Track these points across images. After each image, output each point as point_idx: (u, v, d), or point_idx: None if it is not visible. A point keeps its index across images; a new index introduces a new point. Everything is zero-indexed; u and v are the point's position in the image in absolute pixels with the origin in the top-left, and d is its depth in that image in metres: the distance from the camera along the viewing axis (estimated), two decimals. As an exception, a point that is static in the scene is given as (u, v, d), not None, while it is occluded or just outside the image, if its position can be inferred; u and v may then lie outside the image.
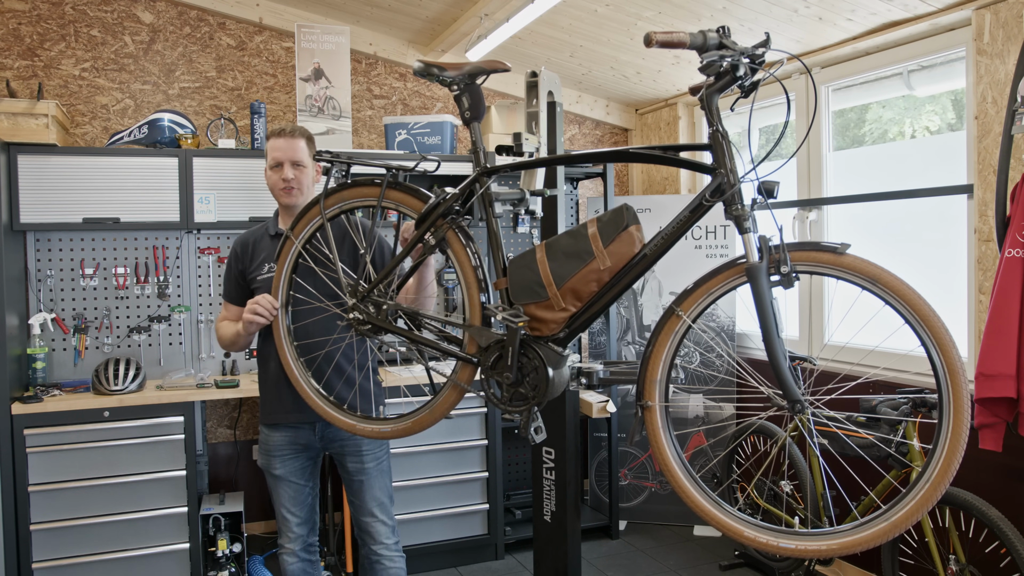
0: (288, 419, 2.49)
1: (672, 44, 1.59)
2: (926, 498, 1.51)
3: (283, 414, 2.49)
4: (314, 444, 2.54)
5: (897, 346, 2.17)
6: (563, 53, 4.13)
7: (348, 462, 2.57)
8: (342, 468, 2.59)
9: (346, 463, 2.57)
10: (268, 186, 2.52)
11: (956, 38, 3.06)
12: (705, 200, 1.69)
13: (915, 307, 1.51)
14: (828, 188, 3.72)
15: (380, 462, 2.60)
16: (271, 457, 2.52)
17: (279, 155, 2.46)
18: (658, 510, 4.37)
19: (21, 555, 3.14)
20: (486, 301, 1.99)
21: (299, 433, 2.51)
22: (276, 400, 2.50)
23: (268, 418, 2.52)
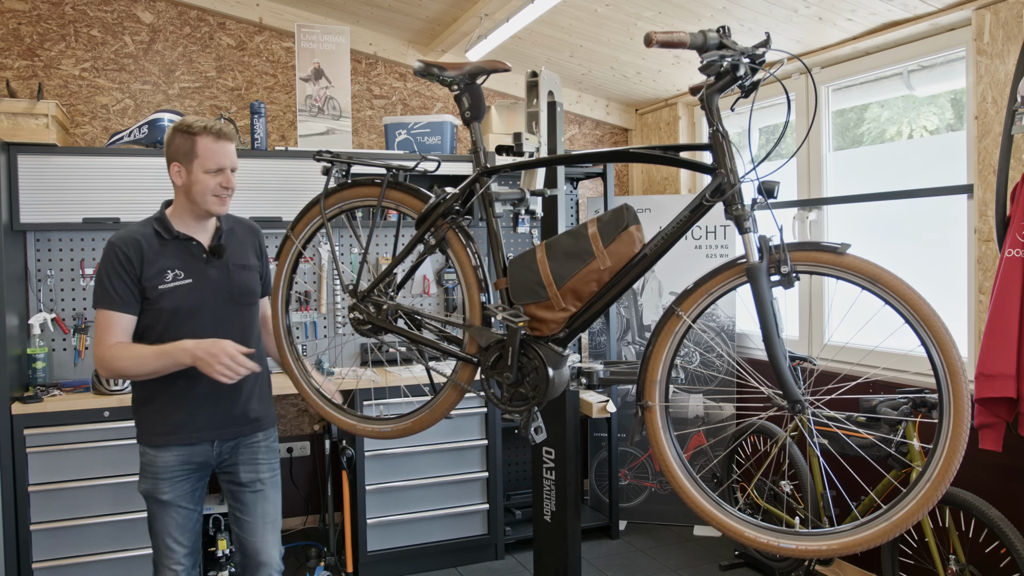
0: (196, 438, 2.29)
1: (672, 44, 1.59)
2: (926, 498, 1.51)
3: (191, 432, 2.28)
4: (210, 461, 2.34)
5: (897, 346, 2.17)
6: (563, 53, 4.13)
7: (242, 472, 2.37)
8: (232, 482, 2.38)
9: (239, 474, 2.37)
10: (195, 190, 2.23)
11: (956, 38, 3.06)
12: (705, 200, 1.69)
13: (915, 307, 1.51)
14: (828, 188, 3.72)
15: (275, 472, 2.42)
16: (159, 481, 2.26)
17: (224, 161, 2.25)
18: (658, 510, 4.37)
19: (21, 555, 3.14)
20: (486, 301, 1.99)
21: (195, 451, 2.30)
22: (186, 418, 2.28)
23: (163, 439, 2.27)
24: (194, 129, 2.21)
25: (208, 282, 2.28)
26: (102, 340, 2.18)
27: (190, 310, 2.25)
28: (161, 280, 2.21)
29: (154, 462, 2.27)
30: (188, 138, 2.21)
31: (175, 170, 2.24)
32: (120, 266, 2.19)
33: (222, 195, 2.26)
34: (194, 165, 2.22)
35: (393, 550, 3.68)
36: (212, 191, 2.24)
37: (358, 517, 3.60)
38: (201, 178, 2.23)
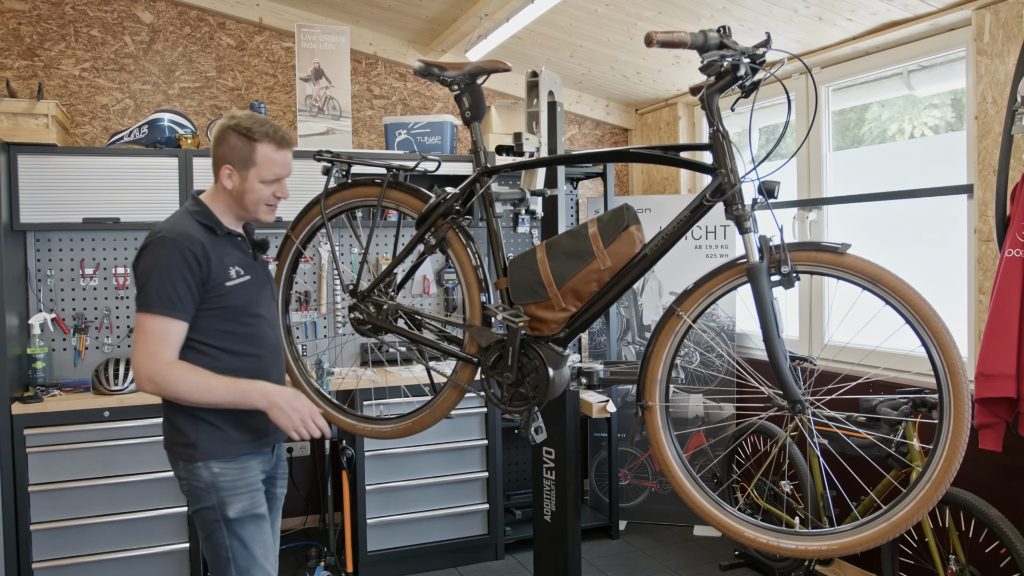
0: (270, 441, 2.12)
1: (673, 44, 1.59)
2: (926, 498, 1.51)
3: (270, 435, 2.11)
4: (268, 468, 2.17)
5: (897, 346, 2.17)
6: (563, 53, 4.13)
7: (278, 485, 2.24)
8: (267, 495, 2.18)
9: (276, 486, 2.23)
10: (247, 198, 2.03)
11: (956, 38, 3.06)
12: (706, 200, 1.69)
13: (915, 307, 1.51)
14: (828, 188, 3.72)
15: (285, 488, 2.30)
16: (254, 492, 2.04)
17: (282, 171, 2.05)
18: (658, 510, 4.37)
19: (21, 555, 3.14)
20: (486, 301, 1.99)
21: (264, 458, 2.13)
22: (254, 427, 2.06)
23: (250, 446, 2.05)
24: (255, 134, 1.98)
25: (258, 279, 2.11)
26: (156, 353, 1.89)
27: (252, 309, 2.07)
28: (227, 277, 2.00)
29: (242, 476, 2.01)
30: (247, 143, 1.98)
31: (226, 173, 2.01)
32: (187, 266, 1.91)
33: (274, 204, 2.09)
34: (250, 173, 2.00)
35: (393, 550, 3.68)
36: (266, 201, 2.05)
37: (358, 517, 3.60)
38: (256, 187, 2.02)
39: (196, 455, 1.98)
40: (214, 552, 2.00)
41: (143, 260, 1.94)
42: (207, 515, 1.99)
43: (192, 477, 1.99)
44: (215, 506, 1.98)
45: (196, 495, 1.99)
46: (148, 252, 1.94)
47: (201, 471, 1.98)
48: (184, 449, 1.99)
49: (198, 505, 2.00)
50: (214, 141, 2.03)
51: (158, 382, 1.89)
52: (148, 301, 1.90)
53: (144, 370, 1.89)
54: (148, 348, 1.89)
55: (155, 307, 1.90)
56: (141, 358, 1.90)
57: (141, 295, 1.92)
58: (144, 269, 1.93)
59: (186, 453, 1.99)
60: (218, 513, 1.98)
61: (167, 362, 1.90)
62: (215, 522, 1.98)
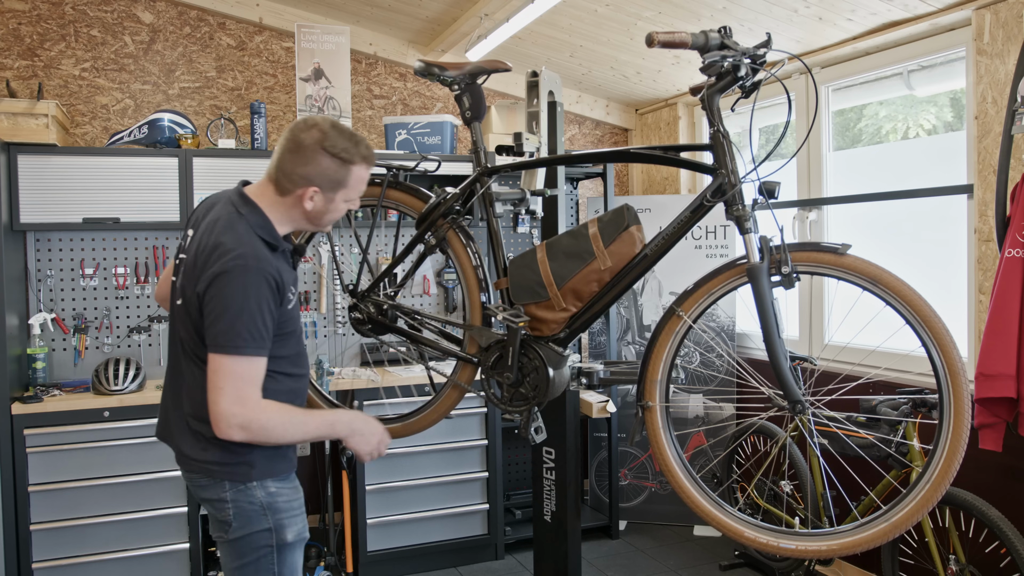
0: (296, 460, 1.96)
1: (674, 44, 1.60)
2: (926, 499, 1.51)
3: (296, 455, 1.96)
4: None
5: (898, 346, 2.17)
6: (563, 53, 4.13)
7: None
8: None
9: None
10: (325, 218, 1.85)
11: (956, 38, 3.06)
12: (706, 200, 1.69)
13: (916, 307, 1.51)
14: (828, 188, 3.72)
15: None
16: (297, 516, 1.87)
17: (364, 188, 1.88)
18: (658, 510, 4.37)
19: (21, 555, 3.14)
20: (487, 301, 1.99)
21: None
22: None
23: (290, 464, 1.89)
24: (353, 156, 1.78)
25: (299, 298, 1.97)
26: (247, 398, 1.69)
27: (299, 325, 1.93)
28: (288, 300, 1.82)
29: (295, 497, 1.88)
30: (342, 166, 1.77)
31: (309, 194, 1.77)
32: (271, 297, 1.72)
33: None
34: (338, 195, 1.81)
35: (393, 550, 3.68)
36: (338, 218, 1.88)
37: (358, 517, 3.60)
38: (340, 207, 1.84)
39: (253, 474, 1.79)
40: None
41: (226, 291, 1.68)
42: (258, 539, 1.79)
43: (243, 499, 1.79)
44: (271, 529, 1.80)
45: (247, 518, 1.79)
46: (230, 282, 1.68)
47: (256, 491, 1.79)
48: (237, 469, 1.79)
49: (249, 529, 1.79)
50: (299, 159, 1.76)
51: (253, 429, 1.69)
52: (238, 341, 1.67)
53: (236, 418, 1.68)
54: (238, 393, 1.68)
55: (247, 347, 1.69)
56: (229, 405, 1.67)
57: (227, 333, 1.67)
58: (229, 302, 1.68)
59: (240, 473, 1.79)
60: (273, 537, 1.80)
61: (259, 407, 1.71)
62: (267, 547, 1.80)
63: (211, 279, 1.70)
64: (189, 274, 1.77)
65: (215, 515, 1.83)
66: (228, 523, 1.80)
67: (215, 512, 1.83)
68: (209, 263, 1.71)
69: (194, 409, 1.79)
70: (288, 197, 1.80)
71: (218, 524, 1.83)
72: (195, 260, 1.76)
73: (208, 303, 1.70)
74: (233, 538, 1.80)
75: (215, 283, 1.69)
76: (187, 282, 1.77)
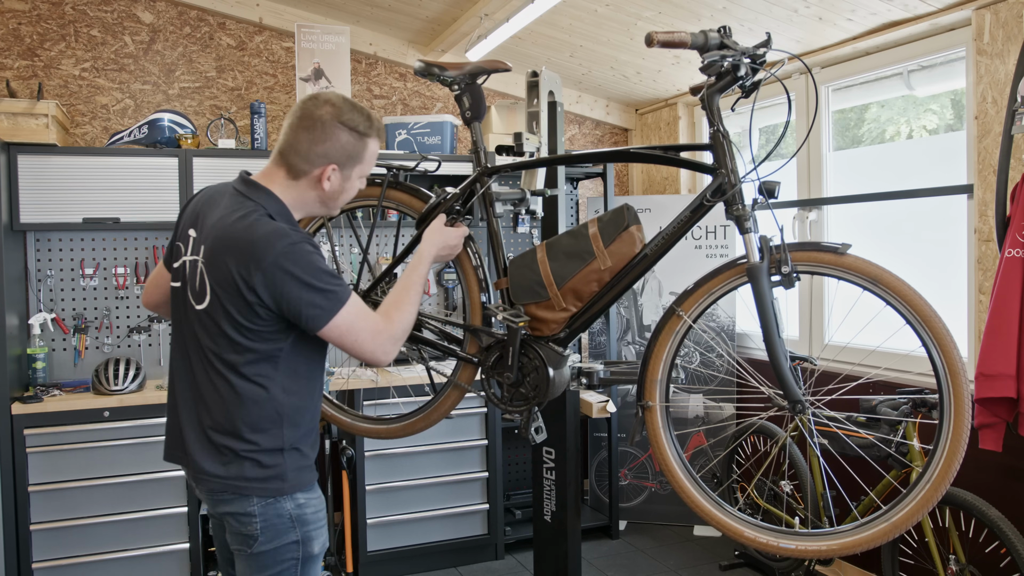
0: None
1: (674, 44, 1.60)
2: (926, 498, 1.51)
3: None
4: None
5: (898, 346, 2.17)
6: (563, 53, 4.13)
7: None
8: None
9: None
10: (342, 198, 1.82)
11: (956, 38, 3.06)
12: (706, 200, 1.69)
13: (916, 307, 1.51)
14: (828, 188, 3.72)
15: None
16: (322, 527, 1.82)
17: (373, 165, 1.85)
18: (658, 510, 4.37)
19: (21, 555, 3.14)
20: (487, 301, 1.99)
21: None
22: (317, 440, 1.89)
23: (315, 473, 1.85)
24: (367, 130, 1.77)
25: None
26: (375, 324, 1.71)
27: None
28: None
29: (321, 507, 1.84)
30: (359, 139, 1.75)
31: (329, 172, 1.73)
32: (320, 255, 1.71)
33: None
34: (354, 170, 1.78)
35: (393, 550, 3.68)
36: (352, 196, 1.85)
37: (358, 517, 3.60)
38: (355, 185, 1.81)
39: (284, 488, 1.73)
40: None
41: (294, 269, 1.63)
42: (285, 552, 1.73)
43: (272, 512, 1.72)
44: (299, 541, 1.74)
45: (274, 531, 1.72)
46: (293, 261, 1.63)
47: (286, 503, 1.73)
48: (267, 484, 1.72)
49: (277, 543, 1.73)
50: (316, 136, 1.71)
51: (398, 338, 1.75)
52: (332, 298, 1.66)
53: (382, 346, 1.71)
54: (369, 328, 1.70)
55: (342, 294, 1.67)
56: (370, 343, 1.70)
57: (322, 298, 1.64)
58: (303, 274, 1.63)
59: (272, 488, 1.72)
60: (300, 550, 1.75)
61: (384, 326, 1.73)
62: (293, 559, 1.74)
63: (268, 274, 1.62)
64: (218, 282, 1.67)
65: (238, 528, 1.74)
66: (254, 537, 1.72)
67: (239, 526, 1.74)
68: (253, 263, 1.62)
69: (218, 422, 1.70)
70: (303, 179, 1.74)
71: (240, 538, 1.74)
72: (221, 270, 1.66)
73: (283, 299, 1.63)
74: (258, 551, 1.73)
75: (274, 275, 1.62)
76: (217, 288, 1.67)
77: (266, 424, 1.71)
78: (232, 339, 1.67)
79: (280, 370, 1.71)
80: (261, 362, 1.69)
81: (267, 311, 1.65)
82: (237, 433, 1.69)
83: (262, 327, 1.67)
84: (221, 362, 1.69)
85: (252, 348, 1.67)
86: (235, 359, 1.68)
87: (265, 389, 1.70)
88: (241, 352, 1.67)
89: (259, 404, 1.69)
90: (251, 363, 1.68)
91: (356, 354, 1.70)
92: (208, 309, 1.69)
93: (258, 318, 1.65)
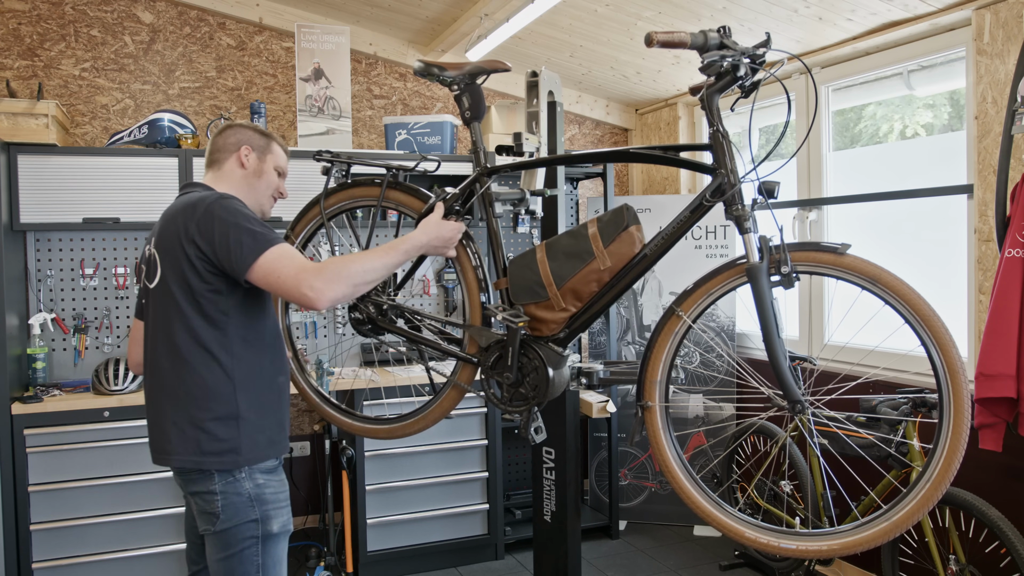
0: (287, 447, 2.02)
1: (673, 44, 1.59)
2: (926, 498, 1.51)
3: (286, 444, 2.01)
4: None
5: (897, 346, 2.17)
6: (563, 53, 4.13)
7: None
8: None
9: None
10: (263, 180, 2.08)
11: (956, 38, 3.06)
12: (705, 200, 1.69)
13: (915, 307, 1.51)
14: (828, 188, 3.72)
15: None
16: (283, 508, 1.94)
17: (287, 169, 2.17)
18: (658, 510, 4.37)
19: (21, 555, 3.14)
20: (486, 301, 1.99)
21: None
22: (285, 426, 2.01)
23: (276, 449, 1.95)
24: (269, 134, 2.12)
25: None
26: (303, 263, 1.76)
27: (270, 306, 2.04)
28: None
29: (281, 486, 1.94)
30: (262, 137, 2.09)
31: (244, 152, 2.03)
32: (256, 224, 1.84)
33: (277, 199, 2.15)
34: (267, 158, 2.07)
35: (393, 550, 3.68)
36: (274, 191, 2.11)
37: (358, 517, 3.60)
38: (271, 172, 2.08)
39: (240, 460, 1.84)
40: (240, 570, 1.86)
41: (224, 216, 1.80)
42: (244, 530, 1.85)
43: (232, 490, 1.84)
44: (257, 520, 1.86)
45: (235, 509, 1.84)
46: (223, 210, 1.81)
47: (244, 483, 1.85)
48: (223, 457, 1.83)
49: (236, 520, 1.84)
50: (221, 133, 2.05)
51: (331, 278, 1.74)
52: (261, 240, 1.78)
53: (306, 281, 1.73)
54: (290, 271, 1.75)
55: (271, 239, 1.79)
56: (295, 284, 1.73)
57: (250, 240, 1.77)
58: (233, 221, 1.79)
59: (226, 461, 1.84)
60: (259, 528, 1.86)
61: (313, 266, 1.76)
62: (252, 538, 1.86)
63: (201, 222, 1.81)
64: (165, 251, 1.87)
65: (203, 508, 1.87)
66: (216, 515, 1.85)
67: (204, 505, 1.87)
68: (190, 219, 1.82)
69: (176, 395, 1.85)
70: (226, 164, 2.04)
71: (206, 517, 1.87)
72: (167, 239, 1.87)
73: (216, 240, 1.78)
74: (220, 529, 1.85)
75: (207, 220, 1.80)
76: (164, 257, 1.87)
77: (218, 387, 1.84)
78: (181, 307, 1.84)
79: (229, 336, 1.86)
80: (210, 328, 1.84)
81: (205, 263, 1.81)
82: (192, 400, 1.83)
83: (204, 288, 1.82)
84: (174, 331, 1.85)
85: (200, 312, 1.83)
86: (186, 326, 1.83)
87: (214, 355, 1.84)
88: (190, 318, 1.83)
89: (210, 369, 1.84)
90: (201, 329, 1.84)
91: (283, 293, 1.76)
92: (159, 282, 1.89)
93: (199, 276, 1.82)
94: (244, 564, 1.86)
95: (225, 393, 1.84)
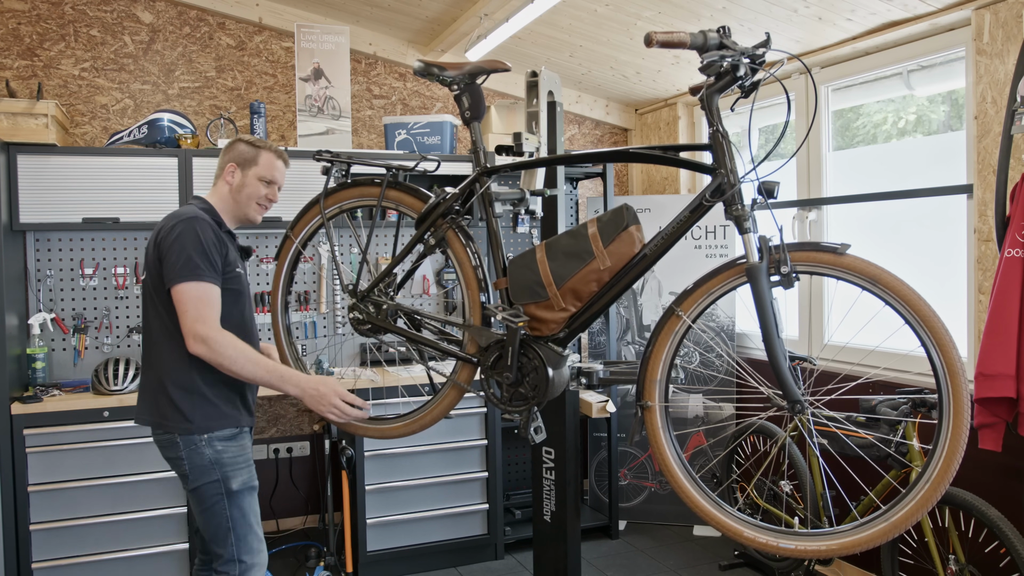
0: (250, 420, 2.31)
1: (673, 44, 1.59)
2: (926, 498, 1.51)
3: (250, 415, 2.32)
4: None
5: (897, 346, 2.17)
6: (563, 53, 4.13)
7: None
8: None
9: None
10: (244, 193, 2.31)
11: (956, 38, 3.06)
12: (705, 200, 1.69)
13: (915, 307, 1.51)
14: (828, 188, 3.72)
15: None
16: (241, 468, 2.23)
17: (277, 176, 2.36)
18: (658, 510, 4.38)
19: (21, 555, 3.14)
20: (486, 301, 1.99)
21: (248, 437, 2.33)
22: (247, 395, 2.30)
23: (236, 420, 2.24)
24: (262, 145, 2.34)
25: (245, 279, 2.36)
26: (207, 317, 2.08)
27: (247, 301, 2.33)
28: (235, 264, 2.26)
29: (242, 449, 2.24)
30: (252, 148, 2.33)
31: (230, 170, 2.32)
32: (212, 242, 2.14)
33: (265, 205, 2.37)
34: (250, 171, 2.32)
35: (393, 550, 3.68)
36: (258, 199, 2.34)
37: (358, 517, 3.60)
38: (253, 183, 2.32)
39: (193, 428, 2.15)
40: (214, 523, 2.18)
41: (179, 236, 2.11)
42: (210, 489, 2.17)
43: (194, 455, 2.16)
44: (219, 480, 2.17)
45: (199, 471, 2.16)
46: (180, 231, 2.12)
47: (204, 448, 2.16)
48: (179, 423, 2.15)
49: (201, 481, 2.17)
50: (224, 152, 2.35)
51: (211, 345, 2.06)
52: (193, 269, 2.09)
53: (195, 333, 2.06)
54: (195, 313, 2.08)
55: (202, 275, 2.10)
56: (191, 322, 2.07)
57: (184, 265, 2.09)
58: (182, 243, 2.10)
59: (182, 427, 2.15)
60: (222, 487, 2.17)
61: (217, 328, 2.09)
62: (218, 495, 2.17)
63: (163, 237, 2.14)
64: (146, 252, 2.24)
65: (178, 470, 2.20)
66: (186, 476, 2.18)
67: (177, 468, 2.20)
68: (163, 229, 2.17)
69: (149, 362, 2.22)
70: (219, 180, 2.34)
71: (181, 478, 2.21)
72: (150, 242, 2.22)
73: (165, 254, 2.12)
74: (192, 488, 2.19)
75: (167, 238, 2.13)
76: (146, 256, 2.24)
77: (179, 363, 2.15)
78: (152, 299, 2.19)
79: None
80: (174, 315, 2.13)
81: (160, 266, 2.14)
82: (160, 371, 2.18)
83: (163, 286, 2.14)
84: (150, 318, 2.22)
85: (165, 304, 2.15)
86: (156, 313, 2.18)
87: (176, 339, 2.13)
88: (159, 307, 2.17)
89: (171, 348, 2.15)
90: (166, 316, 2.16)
91: (180, 323, 2.10)
92: (144, 277, 2.27)
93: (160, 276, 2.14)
94: (216, 517, 2.18)
95: (183, 368, 2.15)
